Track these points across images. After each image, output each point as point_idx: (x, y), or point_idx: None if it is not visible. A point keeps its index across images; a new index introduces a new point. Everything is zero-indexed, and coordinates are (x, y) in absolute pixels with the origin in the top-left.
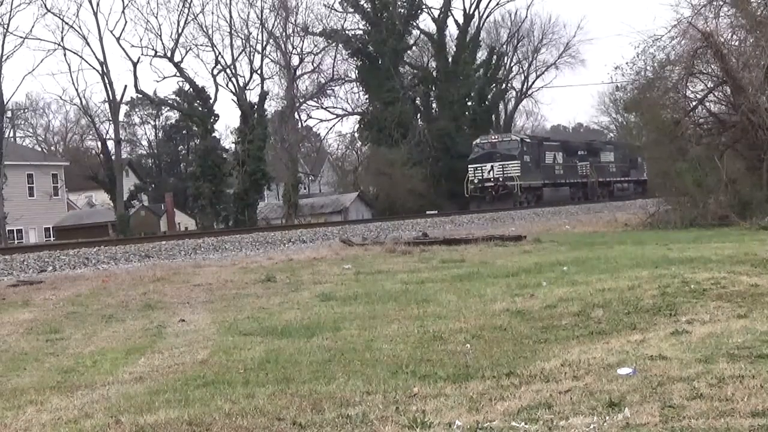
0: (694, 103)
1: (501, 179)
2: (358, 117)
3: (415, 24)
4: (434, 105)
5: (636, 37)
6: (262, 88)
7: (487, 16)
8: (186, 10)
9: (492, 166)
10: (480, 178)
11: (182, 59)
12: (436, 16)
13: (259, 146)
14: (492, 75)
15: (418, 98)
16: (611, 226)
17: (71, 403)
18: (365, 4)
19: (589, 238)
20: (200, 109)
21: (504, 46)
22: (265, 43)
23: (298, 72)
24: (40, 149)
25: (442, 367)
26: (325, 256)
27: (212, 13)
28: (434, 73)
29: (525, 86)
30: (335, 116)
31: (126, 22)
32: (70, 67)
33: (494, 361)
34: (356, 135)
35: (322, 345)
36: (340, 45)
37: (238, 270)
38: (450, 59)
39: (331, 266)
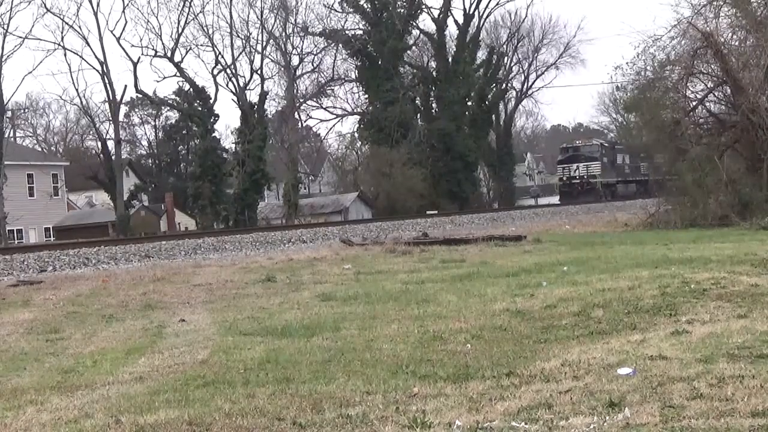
0: (694, 103)
1: (585, 177)
2: (358, 117)
3: (415, 24)
4: (434, 105)
5: (636, 37)
6: (262, 88)
7: (487, 16)
8: (186, 10)
9: (578, 166)
10: (568, 176)
11: (182, 59)
12: (436, 16)
13: (259, 146)
14: (492, 75)
15: (418, 98)
16: (611, 226)
17: (71, 403)
18: (365, 4)
19: (589, 238)
20: (200, 109)
21: (504, 46)
22: (265, 43)
23: (298, 72)
24: (40, 149)
25: (442, 367)
26: (325, 256)
27: (212, 13)
28: (434, 73)
29: (525, 86)
30: (335, 116)
31: (126, 21)
32: (70, 67)
33: (494, 361)
34: (356, 135)
35: (322, 345)
36: (340, 45)
37: (238, 270)
38: (450, 59)
39: (331, 266)
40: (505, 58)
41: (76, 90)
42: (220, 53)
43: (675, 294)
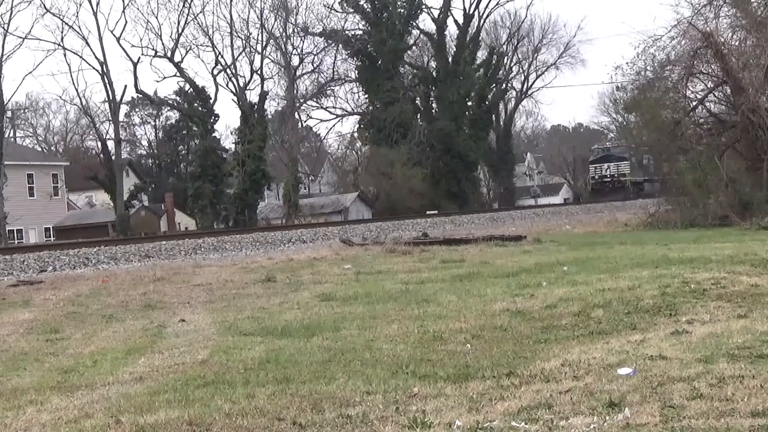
0: (694, 103)
1: (616, 175)
2: (358, 117)
3: (415, 24)
4: (434, 105)
5: (636, 37)
6: (262, 88)
7: (487, 16)
8: (186, 10)
9: (608, 166)
10: (599, 175)
11: (182, 59)
12: (436, 16)
13: (259, 146)
14: (492, 75)
15: (418, 98)
16: (611, 226)
17: (71, 403)
18: (365, 5)
19: (589, 238)
20: (200, 109)
21: (504, 46)
22: (265, 43)
23: (298, 72)
24: (40, 149)
25: (442, 367)
26: (325, 256)
27: (212, 13)
28: (434, 73)
29: (525, 86)
30: (335, 116)
31: (126, 22)
32: (70, 67)
33: (494, 361)
34: (356, 135)
35: (322, 345)
36: (340, 45)
37: (238, 270)
38: (450, 59)
39: (331, 266)
40: (505, 58)
41: (76, 90)
42: (220, 53)
43: (675, 294)
